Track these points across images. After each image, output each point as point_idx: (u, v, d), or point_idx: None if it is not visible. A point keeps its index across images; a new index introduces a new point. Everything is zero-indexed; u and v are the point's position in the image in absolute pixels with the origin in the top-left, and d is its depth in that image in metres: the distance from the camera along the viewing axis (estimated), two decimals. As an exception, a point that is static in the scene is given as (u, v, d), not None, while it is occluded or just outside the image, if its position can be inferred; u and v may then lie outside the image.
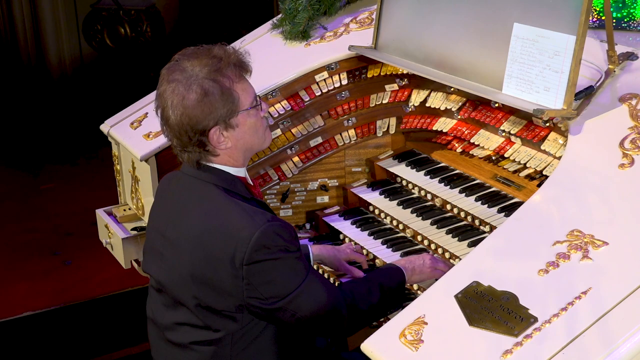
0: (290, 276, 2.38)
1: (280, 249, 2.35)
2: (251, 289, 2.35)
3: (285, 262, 2.37)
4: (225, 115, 2.39)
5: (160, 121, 2.46)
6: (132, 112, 3.53)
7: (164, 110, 2.42)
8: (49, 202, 6.40)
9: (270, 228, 2.34)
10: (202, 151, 2.43)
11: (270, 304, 2.36)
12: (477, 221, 2.89)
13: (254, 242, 2.31)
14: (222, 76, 2.40)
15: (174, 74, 2.40)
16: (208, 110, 2.37)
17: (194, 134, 2.38)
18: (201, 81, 2.37)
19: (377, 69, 3.33)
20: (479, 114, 3.08)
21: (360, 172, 3.44)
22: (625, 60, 2.71)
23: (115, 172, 3.66)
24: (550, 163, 2.80)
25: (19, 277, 5.26)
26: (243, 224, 2.34)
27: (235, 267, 2.33)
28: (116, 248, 3.43)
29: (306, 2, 3.47)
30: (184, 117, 2.37)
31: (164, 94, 2.41)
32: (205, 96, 2.36)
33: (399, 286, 2.60)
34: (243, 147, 2.49)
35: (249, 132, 2.48)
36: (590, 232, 2.20)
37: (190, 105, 2.36)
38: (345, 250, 2.97)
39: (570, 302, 2.02)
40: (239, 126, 2.44)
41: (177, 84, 2.37)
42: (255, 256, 2.32)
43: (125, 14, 8.37)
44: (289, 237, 2.38)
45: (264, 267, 2.34)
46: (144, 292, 2.72)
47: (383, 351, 2.11)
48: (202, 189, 2.45)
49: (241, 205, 2.40)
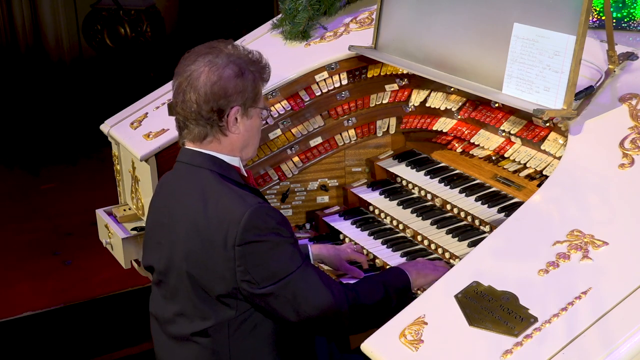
0: (283, 261, 2.38)
1: (272, 230, 2.37)
2: (243, 272, 2.35)
3: (278, 246, 2.38)
4: (249, 100, 2.49)
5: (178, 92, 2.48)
6: (132, 112, 3.54)
7: (191, 76, 2.44)
8: (49, 202, 6.40)
9: (261, 208, 2.38)
10: (215, 127, 2.47)
11: (262, 287, 2.36)
12: (477, 221, 2.89)
13: (244, 221, 2.33)
14: (254, 68, 2.51)
15: (212, 51, 2.49)
16: (240, 88, 2.45)
17: (217, 105, 2.44)
18: (238, 62, 2.48)
19: (377, 69, 3.33)
20: (479, 114, 3.08)
21: (360, 172, 3.44)
22: (625, 60, 2.71)
23: (115, 172, 3.66)
24: (550, 163, 2.80)
25: (19, 277, 5.26)
26: (234, 206, 2.37)
27: (227, 249, 2.35)
28: (116, 248, 3.43)
29: (306, 2, 3.47)
30: (217, 85, 2.43)
31: (194, 64, 2.46)
32: (241, 75, 2.46)
33: (405, 287, 2.58)
34: (244, 141, 2.54)
35: (253, 131, 2.56)
36: (590, 232, 2.20)
37: (226, 76, 2.44)
38: (346, 250, 2.97)
39: (570, 302, 2.02)
40: (251, 119, 2.52)
41: (215, 58, 2.46)
42: (247, 236, 2.34)
43: (125, 14, 8.37)
44: (280, 220, 2.41)
45: (256, 249, 2.35)
46: (144, 292, 2.73)
47: (383, 351, 2.11)
48: (196, 173, 2.49)
49: (233, 189, 2.44)
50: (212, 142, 2.50)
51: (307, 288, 2.38)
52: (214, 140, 2.50)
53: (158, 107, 3.46)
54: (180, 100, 2.48)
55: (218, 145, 2.50)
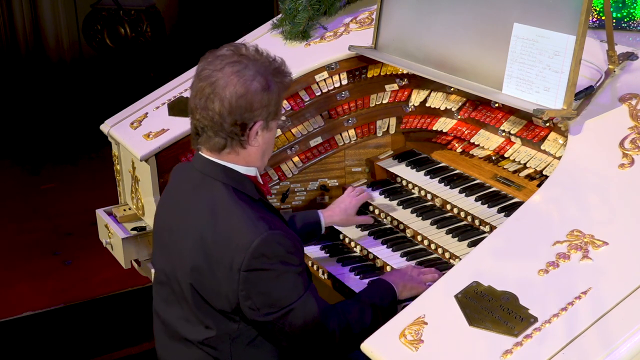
0: (286, 291, 2.37)
1: (280, 260, 2.34)
2: (245, 297, 2.35)
3: (283, 276, 2.36)
4: (271, 114, 2.45)
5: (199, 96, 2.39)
6: (132, 112, 3.53)
7: (216, 85, 2.37)
8: (49, 202, 6.40)
9: (271, 237, 2.33)
10: (235, 140, 2.42)
11: (262, 315, 2.36)
12: (477, 221, 2.89)
13: (253, 249, 2.30)
14: (279, 80, 2.46)
15: (240, 60, 2.41)
16: (265, 102, 2.40)
17: (241, 119, 2.38)
18: (265, 73, 2.41)
19: (377, 69, 3.33)
20: (479, 114, 3.08)
21: (360, 172, 3.44)
22: (625, 60, 2.71)
23: (115, 172, 3.66)
24: (550, 163, 2.80)
25: (19, 277, 5.26)
26: (245, 230, 2.33)
27: (232, 272, 2.33)
28: (116, 248, 3.43)
29: (306, 2, 3.47)
30: (243, 99, 2.36)
31: (221, 71, 2.38)
32: (267, 89, 2.40)
33: (390, 305, 2.59)
34: (262, 153, 2.51)
35: (271, 142, 2.53)
36: (590, 232, 2.20)
37: (253, 90, 2.37)
38: (351, 202, 3.07)
39: (570, 302, 2.02)
40: (270, 131, 2.49)
41: (244, 69, 2.38)
42: (253, 263, 2.31)
43: (125, 14, 8.37)
44: (291, 249, 2.37)
45: (261, 277, 2.33)
46: (144, 292, 2.74)
47: (383, 351, 2.11)
48: (210, 187, 2.44)
49: (246, 210, 2.38)
50: (229, 154, 2.45)
51: (305, 319, 2.38)
52: (231, 152, 2.45)
53: (158, 107, 3.46)
54: (201, 106, 2.39)
55: (235, 157, 2.46)
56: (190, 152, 3.22)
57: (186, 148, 3.22)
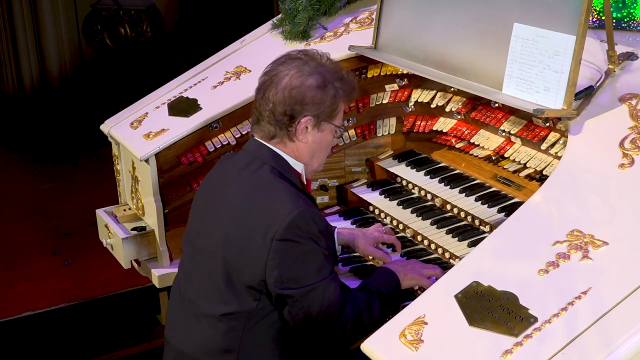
0: (312, 268, 2.43)
1: (312, 236, 2.42)
2: (273, 267, 2.40)
3: (312, 253, 2.43)
4: (324, 114, 2.56)
5: (261, 88, 2.57)
6: (132, 112, 3.53)
7: (276, 76, 2.53)
8: (49, 202, 6.40)
9: (308, 212, 2.43)
10: (284, 130, 2.54)
11: (284, 287, 2.41)
12: (477, 221, 2.89)
13: (290, 219, 2.39)
14: (339, 86, 2.58)
15: (304, 58, 2.58)
16: (317, 100, 2.53)
17: (291, 110, 2.51)
18: (325, 74, 2.55)
19: (377, 69, 3.33)
20: (479, 114, 3.08)
21: (360, 172, 3.44)
22: (625, 60, 2.71)
23: (115, 172, 3.66)
24: (550, 163, 2.80)
25: (19, 277, 5.25)
26: (284, 203, 2.43)
27: (266, 240, 2.40)
28: (116, 248, 3.43)
29: (306, 2, 3.47)
30: (296, 91, 2.51)
31: (283, 65, 2.56)
32: (323, 87, 2.53)
33: (395, 294, 2.62)
34: (310, 152, 2.60)
35: (323, 146, 2.62)
36: (590, 232, 2.20)
37: (307, 85, 2.52)
38: (373, 234, 2.97)
39: (570, 302, 2.02)
40: (322, 132, 2.59)
41: (303, 65, 2.55)
42: (287, 234, 2.39)
43: (125, 14, 8.36)
44: (323, 230, 2.46)
45: (292, 249, 2.40)
46: (144, 292, 2.75)
47: (383, 351, 2.11)
48: (257, 167, 2.55)
49: (289, 188, 2.50)
50: (278, 144, 2.57)
51: (323, 302, 2.43)
52: (280, 142, 2.57)
53: (158, 107, 3.46)
54: (259, 97, 2.57)
55: (284, 148, 2.58)
56: (190, 152, 3.22)
57: (186, 148, 3.22)
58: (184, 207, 3.27)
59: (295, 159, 2.59)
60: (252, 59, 3.50)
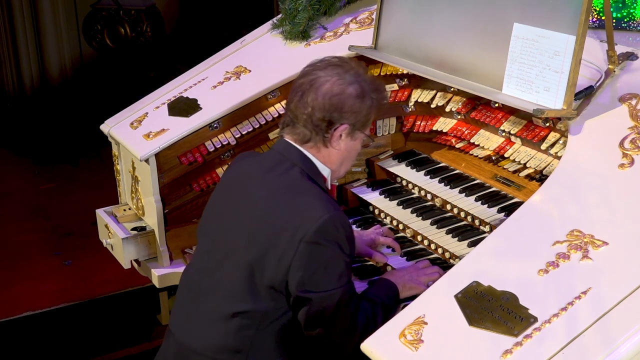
0: (334, 274, 2.42)
1: (338, 241, 2.42)
2: (297, 268, 2.40)
3: (336, 260, 2.43)
4: (359, 124, 2.57)
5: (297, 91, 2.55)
6: (132, 112, 3.53)
7: (316, 81, 2.52)
8: (49, 202, 6.40)
9: (338, 217, 2.44)
10: (320, 135, 2.54)
11: (304, 291, 2.40)
12: (477, 221, 2.89)
13: (321, 222, 2.39)
14: (375, 96, 2.59)
15: (343, 65, 2.57)
16: (356, 109, 2.53)
17: (329, 116, 2.51)
18: (364, 84, 2.56)
19: (377, 69, 3.33)
20: (479, 114, 3.08)
21: (360, 172, 3.44)
22: (625, 60, 2.71)
23: (115, 172, 3.66)
24: (550, 163, 2.80)
25: (19, 277, 5.25)
26: (316, 205, 2.44)
27: (294, 240, 2.39)
28: (116, 248, 3.43)
29: (306, 2, 3.47)
30: (336, 98, 2.51)
31: (323, 71, 2.55)
32: (362, 97, 2.54)
33: (395, 304, 2.63)
34: (341, 159, 2.61)
35: (352, 153, 2.64)
36: (590, 232, 2.20)
37: (348, 93, 2.52)
38: (370, 235, 2.98)
39: (570, 302, 2.02)
40: (354, 141, 2.60)
41: (344, 73, 2.55)
42: (315, 237, 2.39)
43: (125, 14, 8.37)
44: (349, 235, 2.47)
45: (318, 252, 2.40)
46: (144, 292, 2.73)
47: (383, 351, 2.12)
48: (287, 167, 2.55)
49: (321, 191, 2.52)
50: (312, 148, 2.57)
51: (340, 308, 2.43)
52: (314, 147, 2.56)
53: (158, 107, 3.46)
54: (296, 99, 2.55)
55: (316, 153, 2.57)
56: (190, 152, 3.22)
57: (186, 148, 3.22)
58: (184, 207, 3.28)
59: (324, 164, 2.59)
60: (252, 59, 3.51)
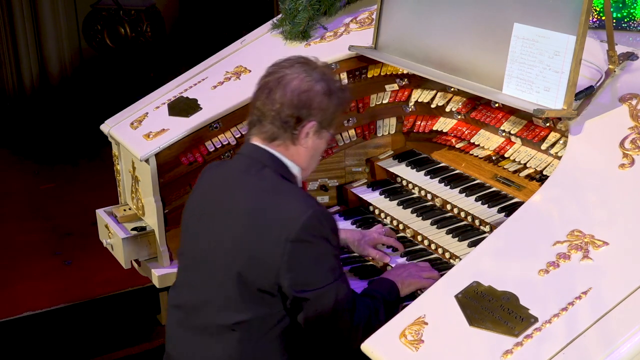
0: (325, 269, 2.41)
1: (324, 236, 2.41)
2: (288, 269, 2.38)
3: (325, 255, 2.42)
4: (326, 122, 2.55)
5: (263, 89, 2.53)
6: (132, 112, 3.53)
7: (284, 78, 2.50)
8: (49, 202, 6.40)
9: (321, 212, 2.44)
10: (288, 132, 2.51)
11: (299, 291, 2.39)
12: (477, 221, 2.89)
13: (305, 220, 2.37)
14: (341, 95, 2.59)
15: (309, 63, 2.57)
16: (323, 106, 2.52)
17: (298, 113, 2.49)
18: (330, 83, 2.56)
19: (377, 69, 3.33)
20: (479, 114, 3.08)
21: (360, 172, 3.44)
22: (625, 60, 2.71)
23: (115, 172, 3.66)
24: (550, 163, 2.80)
25: (19, 277, 5.25)
26: (297, 203, 2.43)
27: (280, 242, 2.37)
28: (116, 248, 3.43)
29: (306, 2, 3.47)
30: (305, 95, 2.49)
31: (289, 69, 2.53)
32: (329, 95, 2.53)
33: (397, 300, 2.63)
34: (308, 157, 2.58)
35: (317, 152, 2.62)
36: (591, 232, 2.20)
37: (316, 90, 2.51)
38: (372, 235, 2.97)
39: (570, 302, 2.02)
40: (320, 140, 2.58)
41: (311, 71, 2.54)
42: (302, 235, 2.37)
43: (125, 14, 8.37)
44: (334, 228, 2.46)
45: (307, 250, 2.39)
46: (144, 292, 2.73)
47: (383, 351, 2.11)
48: (258, 170, 2.52)
49: (296, 188, 2.52)
50: (280, 146, 2.53)
51: (337, 302, 2.41)
52: (282, 145, 2.53)
53: (158, 107, 3.46)
54: (263, 97, 2.52)
55: (285, 151, 2.54)
56: (190, 152, 3.22)
57: (186, 148, 3.22)
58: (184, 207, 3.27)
59: (293, 163, 2.56)
60: (252, 59, 3.50)
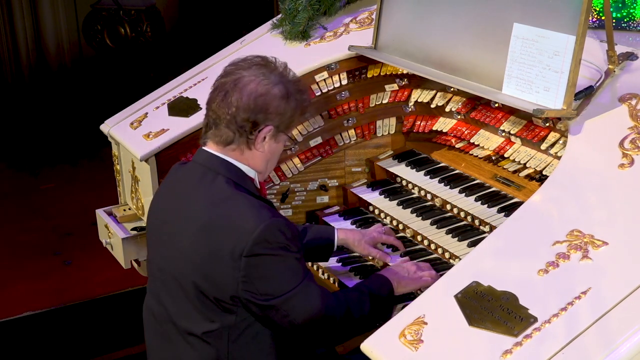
0: (287, 276, 2.38)
1: (281, 246, 2.36)
2: (247, 282, 2.35)
3: (284, 261, 2.38)
4: (283, 125, 2.50)
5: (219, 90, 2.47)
6: (132, 112, 3.54)
7: (240, 81, 2.44)
8: (49, 202, 6.40)
9: (274, 223, 2.36)
10: (244, 137, 2.46)
11: (264, 300, 2.36)
12: (477, 221, 2.89)
13: (257, 234, 2.32)
14: (299, 97, 2.53)
15: (267, 65, 2.50)
16: (281, 110, 2.46)
17: (254, 117, 2.43)
18: (288, 85, 2.49)
19: (377, 69, 3.33)
20: (479, 114, 3.08)
21: (360, 172, 3.44)
22: (625, 60, 2.71)
23: (115, 172, 3.67)
24: (550, 163, 2.80)
25: (19, 277, 5.26)
26: (248, 217, 2.36)
27: (234, 258, 2.33)
28: (116, 248, 3.43)
29: (306, 2, 3.47)
30: (261, 99, 2.43)
31: (247, 71, 2.47)
32: (286, 98, 2.47)
33: (388, 296, 2.60)
34: (264, 161, 2.54)
35: (274, 155, 2.56)
36: (590, 232, 2.20)
37: (273, 94, 2.44)
38: (372, 234, 2.95)
39: (570, 302, 2.02)
40: (277, 143, 2.53)
41: (269, 73, 2.47)
42: (256, 249, 2.33)
43: (125, 14, 8.37)
44: (291, 236, 2.39)
45: (263, 262, 2.35)
46: (144, 292, 2.72)
47: (383, 351, 2.11)
48: (211, 179, 2.46)
49: (248, 198, 2.42)
50: (234, 150, 2.48)
51: (306, 302, 2.39)
52: (237, 149, 2.48)
53: (158, 107, 3.46)
54: (219, 99, 2.45)
55: (239, 156, 2.49)
56: (190, 152, 3.22)
57: (186, 148, 3.22)
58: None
59: (248, 167, 2.50)
60: (252, 59, 3.50)
